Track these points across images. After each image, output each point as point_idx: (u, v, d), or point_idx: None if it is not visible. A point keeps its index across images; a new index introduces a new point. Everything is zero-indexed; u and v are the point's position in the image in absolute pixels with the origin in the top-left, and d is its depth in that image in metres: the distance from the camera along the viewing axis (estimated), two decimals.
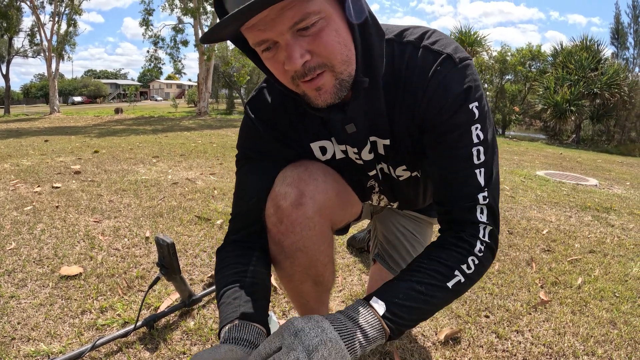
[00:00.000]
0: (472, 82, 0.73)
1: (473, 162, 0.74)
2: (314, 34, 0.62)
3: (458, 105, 0.72)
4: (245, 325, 0.69)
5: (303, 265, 0.87)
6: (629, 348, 1.22)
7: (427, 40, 0.75)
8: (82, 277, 1.49)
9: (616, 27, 15.63)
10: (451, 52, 0.73)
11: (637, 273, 1.82)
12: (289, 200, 0.80)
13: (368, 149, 0.86)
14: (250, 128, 0.86)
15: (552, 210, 2.93)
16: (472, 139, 0.74)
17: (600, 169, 6.02)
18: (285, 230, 0.82)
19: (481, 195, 0.75)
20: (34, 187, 2.86)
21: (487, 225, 0.76)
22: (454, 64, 0.72)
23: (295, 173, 0.83)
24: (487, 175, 0.76)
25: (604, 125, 14.25)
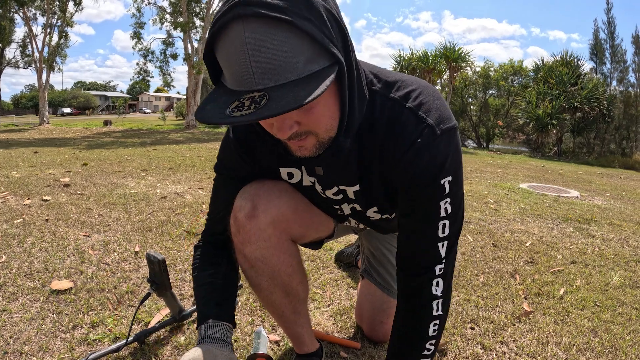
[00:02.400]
0: (448, 155, 0.75)
1: (437, 236, 0.79)
2: (305, 110, 0.65)
3: (430, 179, 0.75)
4: (217, 325, 0.85)
5: (266, 274, 0.94)
6: (610, 355, 1.26)
7: (413, 101, 0.75)
8: (73, 292, 1.48)
9: (594, 43, 16.13)
10: (433, 121, 0.74)
11: (617, 282, 1.88)
12: (243, 212, 0.89)
13: (334, 191, 0.92)
14: (228, 147, 0.92)
15: (535, 222, 3.00)
16: (440, 213, 0.78)
17: (581, 180, 6.17)
18: (243, 240, 0.90)
19: (438, 267, 0.81)
20: (24, 200, 2.83)
21: (440, 300, 0.83)
22: (434, 135, 0.73)
23: (253, 188, 0.91)
24: (448, 247, 0.81)
25: (585, 138, 14.62)
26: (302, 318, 1.04)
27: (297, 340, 1.07)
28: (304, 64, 0.59)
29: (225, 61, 0.60)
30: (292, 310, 1.00)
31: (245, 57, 0.57)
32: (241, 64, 0.58)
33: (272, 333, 1.30)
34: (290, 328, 1.04)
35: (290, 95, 0.56)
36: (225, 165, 0.94)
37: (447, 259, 0.81)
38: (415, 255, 0.82)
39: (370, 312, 1.25)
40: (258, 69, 0.57)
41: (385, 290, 1.24)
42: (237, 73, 0.59)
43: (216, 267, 0.96)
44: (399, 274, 0.86)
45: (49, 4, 15.76)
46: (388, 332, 1.24)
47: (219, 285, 0.94)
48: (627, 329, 1.43)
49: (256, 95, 0.57)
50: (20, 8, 15.42)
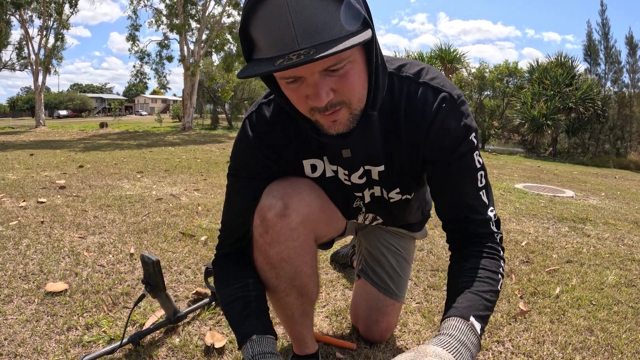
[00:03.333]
0: (468, 117, 0.82)
1: (478, 186, 0.85)
2: (340, 75, 0.66)
3: (462, 138, 0.82)
4: (263, 340, 0.82)
5: (287, 276, 0.91)
6: (605, 354, 1.26)
7: (425, 76, 0.82)
8: (68, 294, 1.47)
9: (588, 44, 16.22)
10: (449, 90, 0.81)
11: (613, 281, 1.88)
12: (274, 211, 0.85)
13: (359, 174, 0.91)
14: (245, 146, 0.89)
15: (530, 222, 3.01)
16: (476, 165, 0.84)
17: (576, 180, 6.21)
18: (271, 241, 0.86)
19: (491, 212, 0.86)
20: (20, 202, 2.82)
21: (499, 234, 0.88)
22: (454, 101, 0.80)
23: (280, 187, 0.88)
24: (488, 195, 0.87)
25: (579, 138, 14.70)
26: (308, 319, 1.03)
27: (300, 342, 1.05)
28: (341, 25, 0.61)
29: (265, 29, 0.62)
30: (301, 311, 0.99)
31: (288, 20, 0.59)
32: (283, 27, 0.60)
33: None
34: (296, 329, 1.03)
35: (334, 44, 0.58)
36: (242, 166, 0.91)
37: (492, 205, 0.87)
38: (470, 210, 0.85)
39: (366, 311, 1.25)
40: (300, 30, 0.59)
41: (381, 289, 1.24)
42: (279, 37, 0.60)
43: (243, 279, 0.91)
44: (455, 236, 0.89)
45: (45, 6, 15.73)
46: (383, 332, 1.24)
47: (252, 297, 0.89)
48: (623, 328, 1.43)
49: (302, 51, 0.59)
50: (17, 10, 15.38)
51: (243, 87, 24.54)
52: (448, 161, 0.83)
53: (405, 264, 1.27)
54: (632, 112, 14.49)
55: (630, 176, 8.47)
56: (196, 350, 1.18)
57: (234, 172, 0.93)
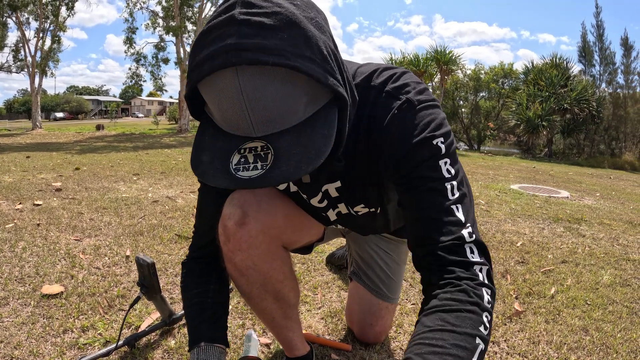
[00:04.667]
0: (434, 120, 0.72)
1: (448, 198, 0.68)
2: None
3: (420, 142, 0.70)
4: (210, 348, 0.84)
5: (258, 282, 0.91)
6: (600, 353, 1.27)
7: (391, 84, 0.75)
8: (64, 296, 1.47)
9: (583, 45, 16.32)
10: (412, 96, 0.72)
11: (608, 281, 1.89)
12: (233, 220, 0.85)
13: (318, 198, 0.91)
14: None
15: (525, 222, 3.02)
16: (443, 174, 0.69)
17: (571, 181, 6.23)
18: (233, 248, 0.86)
19: (466, 232, 0.67)
20: (16, 205, 2.80)
21: (482, 266, 0.66)
22: (413, 106, 0.72)
23: (241, 195, 0.88)
24: (465, 211, 0.69)
25: (575, 139, 14.78)
26: (292, 323, 1.03)
27: (288, 345, 1.06)
28: (304, 107, 0.56)
29: (217, 105, 0.57)
30: (282, 315, 0.99)
31: (242, 107, 0.53)
32: (237, 113, 0.54)
33: (262, 336, 1.29)
34: (281, 333, 1.03)
35: (297, 150, 0.54)
36: None
37: (470, 224, 0.68)
38: (435, 229, 0.68)
39: (360, 315, 1.25)
40: (256, 119, 0.54)
41: (374, 292, 1.24)
42: (233, 120, 0.56)
43: (205, 285, 0.93)
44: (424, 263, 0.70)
45: (41, 9, 15.67)
46: (378, 334, 1.24)
47: (209, 305, 0.90)
48: (618, 327, 1.44)
49: (258, 146, 0.55)
50: (13, 12, 15.32)
51: None
52: (409, 171, 0.71)
53: (397, 266, 1.26)
54: (626, 112, 14.58)
55: (625, 176, 8.52)
56: None
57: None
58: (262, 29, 0.53)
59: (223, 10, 0.55)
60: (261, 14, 0.53)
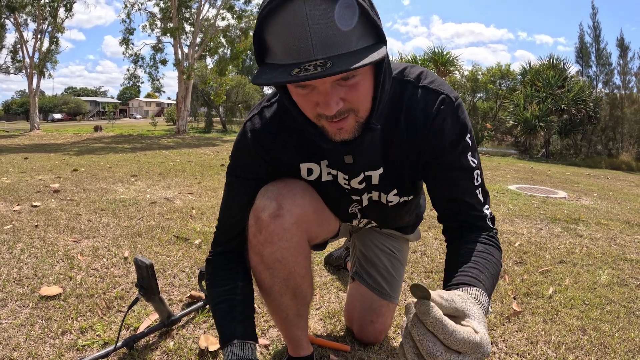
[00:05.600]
0: (465, 118, 0.85)
1: (474, 184, 0.86)
2: (350, 85, 0.68)
3: (459, 139, 0.84)
4: (243, 345, 0.86)
5: (281, 277, 0.92)
6: (598, 353, 1.28)
7: (424, 80, 0.84)
8: (62, 298, 1.47)
9: (580, 46, 16.35)
10: (447, 92, 0.84)
11: (605, 281, 1.90)
12: (267, 212, 0.87)
13: (359, 179, 0.93)
14: (244, 148, 0.90)
15: (523, 223, 3.03)
16: (471, 165, 0.86)
17: (569, 181, 6.25)
18: (264, 240, 0.88)
19: (487, 210, 0.88)
20: (14, 206, 2.80)
21: (494, 229, 0.89)
22: (452, 102, 0.83)
23: (275, 188, 0.89)
24: (484, 194, 0.88)
25: (572, 139, 14.81)
26: (303, 321, 1.03)
27: (295, 343, 1.06)
28: (357, 39, 0.63)
29: (282, 36, 0.62)
30: (296, 312, 0.99)
31: (306, 30, 0.60)
32: (301, 37, 0.60)
33: (261, 337, 1.29)
34: (291, 331, 1.03)
35: (353, 60, 0.59)
36: (241, 167, 0.93)
37: (487, 204, 0.88)
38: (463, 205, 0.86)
39: (360, 313, 1.25)
40: (317, 40, 0.60)
41: (376, 291, 1.24)
42: (296, 46, 0.61)
43: (233, 282, 0.94)
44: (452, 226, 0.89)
45: (40, 10, 15.64)
46: (378, 333, 1.24)
47: (238, 302, 0.92)
48: (616, 327, 1.45)
49: (317, 62, 0.59)
50: (11, 14, 15.28)
51: (237, 90, 24.48)
52: (446, 160, 0.85)
53: (399, 265, 1.28)
54: (623, 113, 14.62)
55: (622, 176, 8.54)
56: (190, 354, 1.17)
57: (232, 172, 0.94)
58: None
59: None
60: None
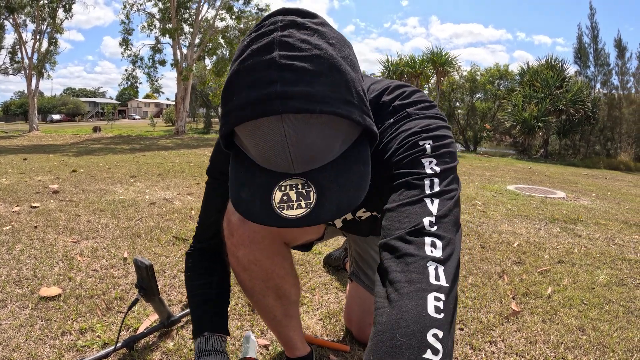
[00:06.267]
0: (427, 126, 0.70)
1: (425, 192, 0.62)
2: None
3: (409, 142, 0.68)
4: (212, 337, 0.91)
5: (260, 277, 0.93)
6: (597, 352, 1.28)
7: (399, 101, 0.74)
8: (62, 298, 1.47)
9: (578, 46, 16.39)
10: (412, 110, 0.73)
11: (604, 280, 1.90)
12: (237, 215, 0.88)
13: None
14: (220, 151, 0.91)
15: (522, 223, 3.03)
16: (425, 170, 0.64)
17: (567, 181, 6.26)
18: (237, 243, 0.89)
19: (427, 220, 0.59)
20: (13, 207, 2.79)
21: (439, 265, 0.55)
22: (409, 116, 0.72)
23: None
24: (440, 205, 0.61)
25: (570, 139, 14.84)
26: (293, 321, 1.04)
27: (289, 344, 1.06)
28: (340, 145, 0.59)
29: (256, 145, 0.58)
30: (283, 313, 1.00)
31: (284, 149, 0.55)
32: (279, 154, 0.56)
33: (261, 337, 1.29)
34: (282, 332, 1.04)
35: (337, 187, 0.56)
36: (218, 169, 0.94)
37: (440, 217, 0.59)
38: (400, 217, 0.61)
39: (359, 314, 1.25)
40: (297, 159, 0.56)
41: (372, 291, 1.24)
42: (272, 159, 0.57)
43: (209, 277, 0.98)
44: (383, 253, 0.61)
45: (39, 11, 15.62)
46: None
47: (212, 295, 0.96)
48: (614, 326, 1.45)
49: (298, 183, 0.56)
50: (10, 15, 15.25)
51: None
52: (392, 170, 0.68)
53: None
54: (621, 113, 14.66)
55: (621, 177, 8.56)
56: (190, 354, 1.17)
57: (210, 174, 0.96)
58: (306, 74, 0.53)
59: (260, 50, 0.55)
60: (302, 57, 0.54)
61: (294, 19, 0.58)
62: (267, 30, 0.57)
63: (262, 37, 0.56)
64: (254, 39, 0.57)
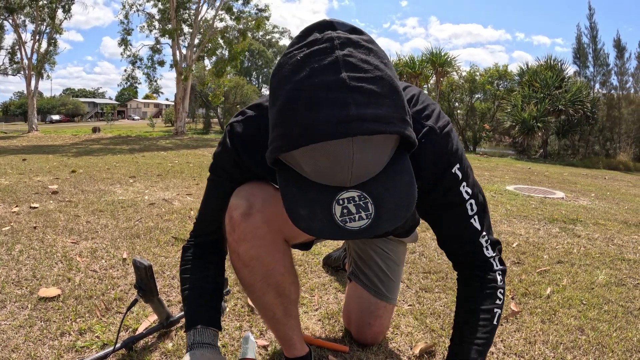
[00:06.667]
0: (451, 147, 0.81)
1: (468, 214, 0.86)
2: None
3: (442, 171, 0.81)
4: (205, 330, 0.92)
5: (260, 274, 0.94)
6: (596, 352, 1.28)
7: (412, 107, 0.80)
8: (61, 299, 1.46)
9: (577, 47, 16.41)
10: (432, 123, 0.80)
11: (603, 281, 1.91)
12: (239, 211, 0.89)
13: None
14: (224, 150, 0.90)
15: (521, 223, 3.04)
16: (464, 197, 0.85)
17: (566, 182, 6.27)
18: (238, 239, 0.90)
19: (483, 239, 0.88)
20: (12, 207, 2.79)
21: (495, 257, 0.91)
22: (435, 133, 0.79)
23: (248, 188, 0.92)
24: (480, 220, 0.87)
25: (569, 140, 14.85)
26: (292, 320, 1.04)
27: (287, 344, 1.06)
28: (388, 156, 0.62)
29: (317, 163, 0.59)
30: (283, 311, 1.00)
31: (348, 167, 0.57)
32: (340, 171, 0.57)
33: (260, 338, 1.29)
34: (281, 331, 1.04)
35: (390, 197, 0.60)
36: (222, 168, 0.94)
37: (485, 230, 0.88)
38: (458, 240, 0.89)
39: (358, 315, 1.25)
40: (355, 175, 0.58)
41: (372, 292, 1.25)
42: (329, 175, 0.59)
43: (206, 271, 0.99)
44: (456, 263, 0.95)
45: (38, 11, 15.61)
46: (376, 335, 1.24)
47: (208, 290, 0.97)
48: (614, 326, 1.45)
49: (354, 196, 0.59)
50: (10, 15, 15.24)
51: (235, 91, 24.48)
52: (433, 198, 0.84)
53: (395, 266, 1.28)
54: (620, 113, 14.68)
55: (620, 177, 8.57)
56: None
57: (213, 171, 0.96)
58: (373, 97, 0.55)
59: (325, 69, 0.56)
60: (368, 79, 0.56)
61: (348, 36, 0.60)
62: (325, 47, 0.57)
63: (321, 54, 0.57)
64: (311, 55, 0.57)
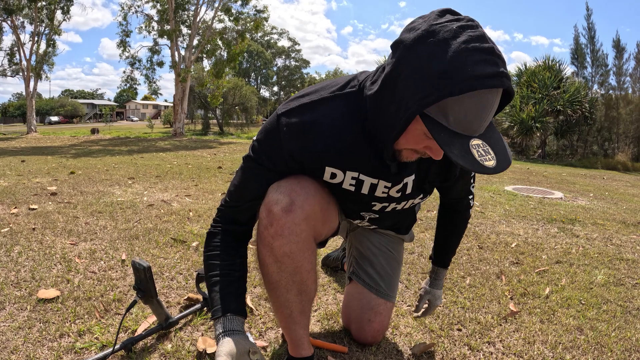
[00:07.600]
0: None
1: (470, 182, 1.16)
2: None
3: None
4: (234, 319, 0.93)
5: (289, 271, 0.94)
6: (595, 352, 1.28)
7: None
8: (60, 300, 1.46)
9: (575, 47, 16.46)
10: None
11: (602, 280, 1.91)
12: (280, 206, 0.89)
13: (398, 187, 0.98)
14: (275, 139, 0.89)
15: (520, 224, 3.04)
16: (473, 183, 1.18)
17: (565, 182, 6.28)
18: (275, 233, 0.90)
19: (472, 188, 1.20)
20: (11, 209, 2.79)
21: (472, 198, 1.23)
22: None
23: (288, 183, 0.92)
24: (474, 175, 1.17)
25: (568, 140, 14.87)
26: (305, 319, 1.04)
27: (296, 343, 1.06)
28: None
29: (468, 112, 0.68)
30: (300, 310, 1.01)
31: (488, 115, 0.69)
32: (482, 119, 0.69)
33: (259, 339, 1.29)
34: (293, 329, 1.04)
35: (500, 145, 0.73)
36: (266, 156, 0.91)
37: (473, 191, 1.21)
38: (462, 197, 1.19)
39: (358, 312, 1.26)
40: (485, 123, 0.71)
41: (373, 290, 1.25)
42: (471, 124, 0.69)
43: (233, 258, 0.99)
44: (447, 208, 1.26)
45: (37, 13, 15.60)
46: (376, 333, 1.25)
47: (236, 278, 0.98)
48: (612, 326, 1.46)
49: (479, 142, 0.71)
50: (8, 16, 15.22)
51: (234, 92, 24.46)
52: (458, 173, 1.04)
53: (396, 264, 1.30)
54: (618, 113, 14.70)
55: (618, 177, 8.59)
56: (188, 356, 1.17)
57: (256, 158, 0.93)
58: (504, 62, 0.69)
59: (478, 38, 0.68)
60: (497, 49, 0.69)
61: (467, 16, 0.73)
62: (472, 24, 0.70)
63: (472, 28, 0.69)
64: (464, 27, 0.68)
